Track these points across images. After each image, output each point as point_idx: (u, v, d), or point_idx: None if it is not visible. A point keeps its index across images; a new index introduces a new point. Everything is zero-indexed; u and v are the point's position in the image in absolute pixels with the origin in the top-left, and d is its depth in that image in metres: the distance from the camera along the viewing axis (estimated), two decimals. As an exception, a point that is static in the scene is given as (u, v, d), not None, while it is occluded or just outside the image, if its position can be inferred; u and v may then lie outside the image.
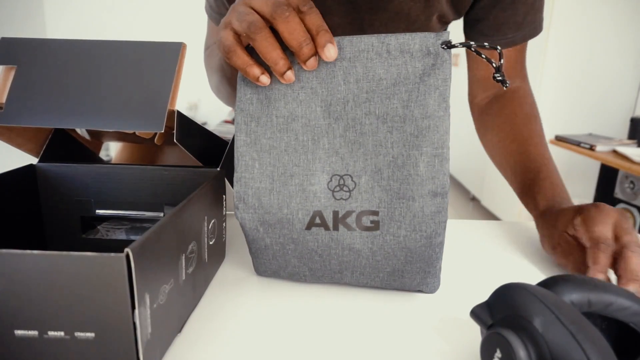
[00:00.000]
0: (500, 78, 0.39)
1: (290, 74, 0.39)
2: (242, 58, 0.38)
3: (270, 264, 0.45)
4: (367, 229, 0.41)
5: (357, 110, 0.40)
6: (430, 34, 0.39)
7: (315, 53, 0.38)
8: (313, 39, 0.37)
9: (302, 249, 0.43)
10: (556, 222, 0.50)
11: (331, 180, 0.41)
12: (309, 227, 0.41)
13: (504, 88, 0.39)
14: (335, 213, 0.41)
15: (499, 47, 0.37)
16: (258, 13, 0.37)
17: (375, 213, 0.40)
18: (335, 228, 0.41)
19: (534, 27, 0.63)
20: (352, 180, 0.41)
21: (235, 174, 0.42)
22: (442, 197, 0.40)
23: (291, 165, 0.41)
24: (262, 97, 0.41)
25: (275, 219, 0.42)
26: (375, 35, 0.39)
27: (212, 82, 0.71)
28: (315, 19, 0.36)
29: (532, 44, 0.68)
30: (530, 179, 0.58)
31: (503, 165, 0.65)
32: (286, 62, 0.38)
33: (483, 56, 0.39)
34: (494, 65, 0.38)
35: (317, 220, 0.41)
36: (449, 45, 0.38)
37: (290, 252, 0.43)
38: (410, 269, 0.42)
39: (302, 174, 0.41)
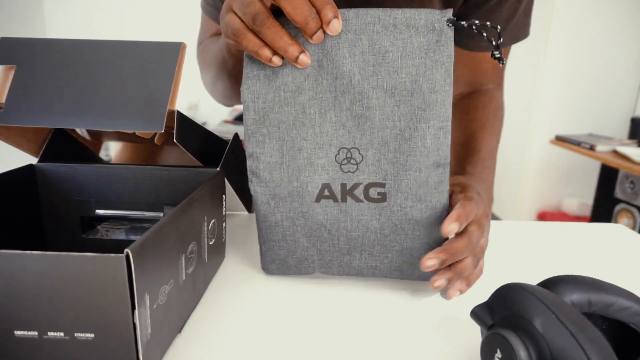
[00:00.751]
0: (498, 55, 0.40)
1: (303, 58, 0.38)
2: (252, 41, 0.38)
3: (279, 249, 0.45)
4: (375, 200, 0.42)
5: (364, 84, 0.40)
6: (435, 11, 0.39)
7: (321, 26, 0.37)
8: (318, 13, 0.37)
9: (312, 223, 0.43)
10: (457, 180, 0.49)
11: (339, 153, 0.42)
12: (318, 200, 0.43)
13: (500, 65, 0.40)
14: (343, 185, 0.42)
15: (499, 27, 0.38)
16: None
17: (382, 185, 0.42)
18: (344, 200, 0.42)
19: (516, 34, 0.64)
20: (359, 153, 0.41)
21: (247, 150, 0.43)
22: (444, 168, 0.41)
23: (299, 139, 0.42)
24: (269, 72, 0.41)
25: (285, 192, 0.43)
26: (381, 8, 0.39)
27: (206, 78, 0.70)
28: None
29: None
30: (466, 156, 0.57)
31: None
32: (297, 46, 0.38)
33: (484, 34, 0.39)
34: (494, 43, 0.39)
35: (326, 193, 0.42)
36: (453, 22, 0.39)
37: (299, 228, 0.44)
38: (419, 246, 0.43)
39: (310, 148, 0.42)
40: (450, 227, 0.40)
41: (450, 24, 0.39)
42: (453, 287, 0.43)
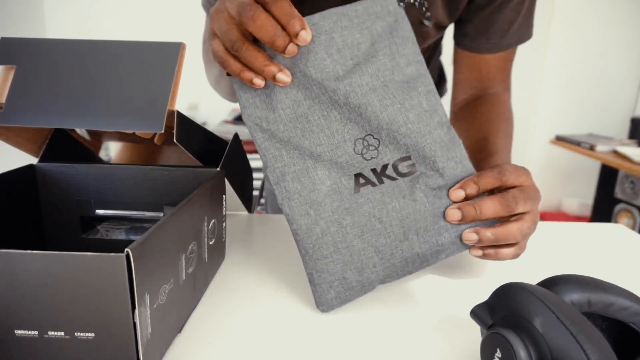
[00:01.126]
0: None
1: (281, 76, 0.39)
2: (234, 65, 0.39)
3: (334, 266, 0.41)
4: (408, 174, 0.42)
5: (351, 75, 0.41)
6: None
7: (291, 40, 0.38)
8: (284, 29, 0.37)
9: (360, 218, 0.41)
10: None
11: (355, 145, 0.42)
12: (357, 190, 0.42)
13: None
14: (374, 170, 0.42)
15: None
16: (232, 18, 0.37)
17: (408, 158, 0.42)
18: (381, 182, 0.42)
19: (519, 35, 0.64)
20: (373, 138, 0.42)
21: (267, 170, 0.43)
22: (448, 127, 0.43)
23: (315, 147, 0.42)
24: (263, 96, 0.42)
25: (322, 194, 0.42)
26: (343, 6, 0.41)
27: (210, 75, 0.70)
28: (281, 7, 0.36)
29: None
30: (483, 157, 0.57)
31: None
32: (273, 66, 0.38)
33: None
34: None
35: (362, 180, 0.42)
36: (403, 1, 0.43)
37: (349, 229, 0.41)
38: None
39: (328, 151, 0.42)
40: (455, 193, 0.41)
41: (401, 3, 0.43)
42: (480, 247, 0.42)
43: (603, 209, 2.28)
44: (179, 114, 0.43)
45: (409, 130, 0.41)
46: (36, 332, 0.28)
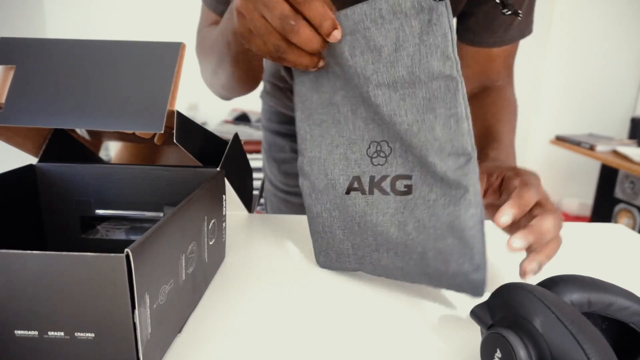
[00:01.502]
0: (510, 12, 0.41)
1: (321, 63, 0.42)
2: (293, 58, 0.41)
3: (321, 241, 0.48)
4: (401, 193, 0.42)
5: (368, 84, 0.40)
6: None
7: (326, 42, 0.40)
8: (318, 30, 0.38)
9: (345, 216, 0.45)
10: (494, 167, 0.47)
11: (369, 147, 0.43)
12: (348, 192, 0.44)
13: (519, 18, 0.42)
14: (372, 178, 0.43)
15: None
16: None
17: (409, 177, 0.42)
18: (371, 192, 0.43)
19: (522, 30, 0.64)
20: (387, 145, 0.42)
21: (298, 147, 0.47)
22: (466, 158, 0.37)
23: (337, 136, 0.45)
24: (311, 76, 0.44)
25: (322, 184, 0.46)
26: (367, 2, 0.38)
27: (206, 68, 0.68)
28: (315, 8, 0.37)
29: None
30: (486, 145, 0.55)
31: None
32: (315, 59, 0.41)
33: None
34: (498, 1, 0.41)
35: (355, 185, 0.44)
36: None
37: (335, 220, 0.46)
38: (443, 247, 0.39)
39: (346, 144, 0.44)
40: (503, 219, 0.38)
41: None
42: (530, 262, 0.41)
43: (603, 209, 2.28)
44: (179, 114, 0.43)
45: (410, 155, 0.41)
46: (36, 332, 0.28)
